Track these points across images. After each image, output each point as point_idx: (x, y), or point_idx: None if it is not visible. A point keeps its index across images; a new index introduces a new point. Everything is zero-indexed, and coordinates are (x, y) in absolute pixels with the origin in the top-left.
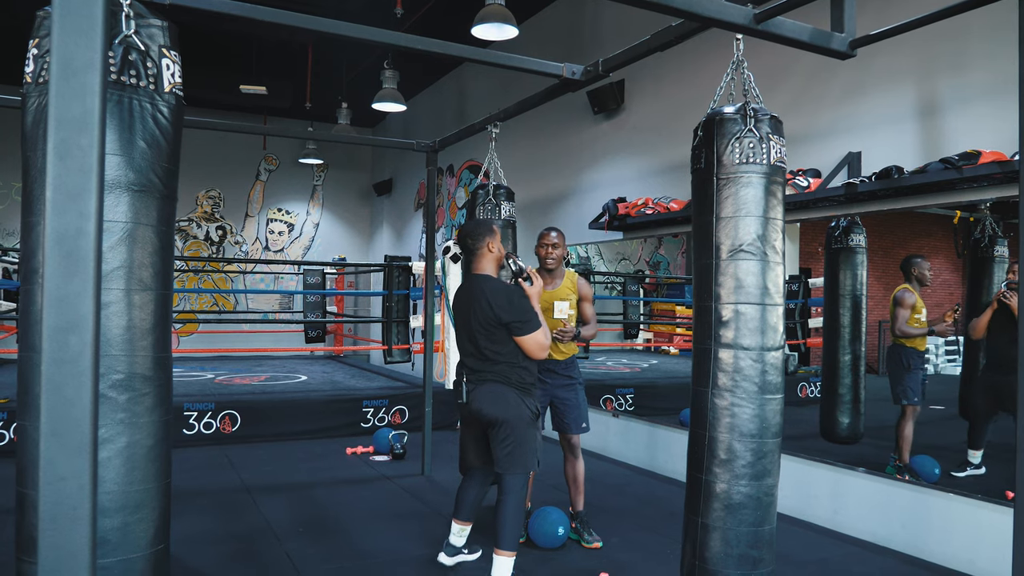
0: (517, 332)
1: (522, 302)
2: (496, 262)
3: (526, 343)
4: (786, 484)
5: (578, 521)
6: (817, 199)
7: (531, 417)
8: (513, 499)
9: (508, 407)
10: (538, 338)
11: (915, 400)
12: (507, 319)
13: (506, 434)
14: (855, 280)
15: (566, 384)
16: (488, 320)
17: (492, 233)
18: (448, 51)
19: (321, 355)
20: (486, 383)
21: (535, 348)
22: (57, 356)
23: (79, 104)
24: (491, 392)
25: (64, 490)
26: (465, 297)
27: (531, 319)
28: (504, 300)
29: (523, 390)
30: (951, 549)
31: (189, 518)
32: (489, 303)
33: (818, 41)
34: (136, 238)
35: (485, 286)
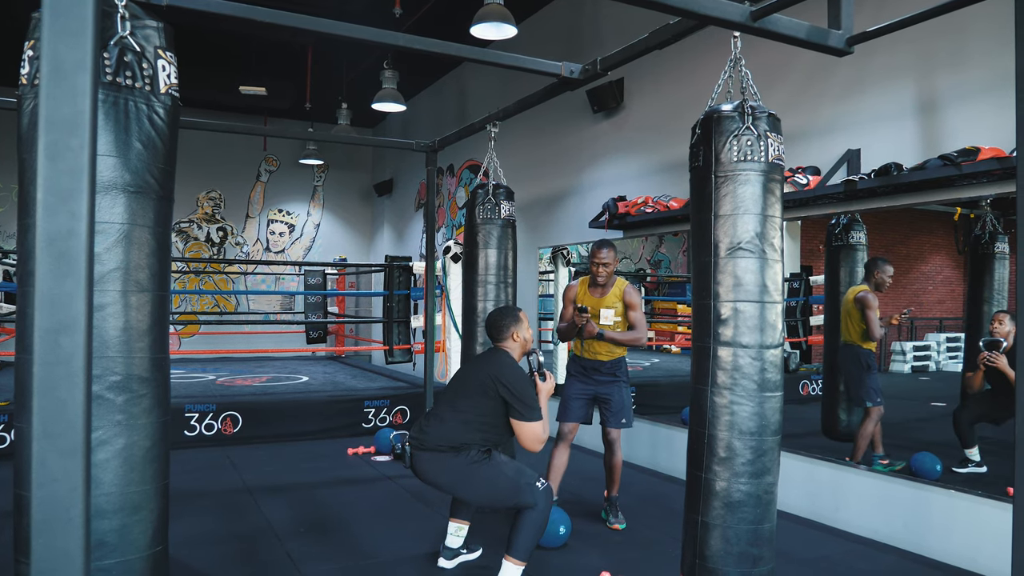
0: (518, 414)
1: (531, 391)
2: (521, 350)
3: (524, 431)
4: (787, 482)
5: (608, 503)
6: (817, 196)
7: (475, 461)
8: (535, 513)
9: (450, 472)
10: (536, 430)
11: (879, 400)
12: (512, 394)
13: (470, 493)
14: (855, 277)
15: (610, 382)
16: (494, 384)
17: (519, 322)
18: (447, 51)
19: (322, 356)
20: (427, 448)
21: (532, 439)
22: (49, 358)
23: (70, 105)
24: (431, 457)
25: (56, 492)
26: (479, 361)
27: (535, 408)
28: (518, 380)
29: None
30: (952, 546)
31: (191, 519)
32: (501, 371)
33: (815, 38)
34: (132, 240)
35: (505, 359)
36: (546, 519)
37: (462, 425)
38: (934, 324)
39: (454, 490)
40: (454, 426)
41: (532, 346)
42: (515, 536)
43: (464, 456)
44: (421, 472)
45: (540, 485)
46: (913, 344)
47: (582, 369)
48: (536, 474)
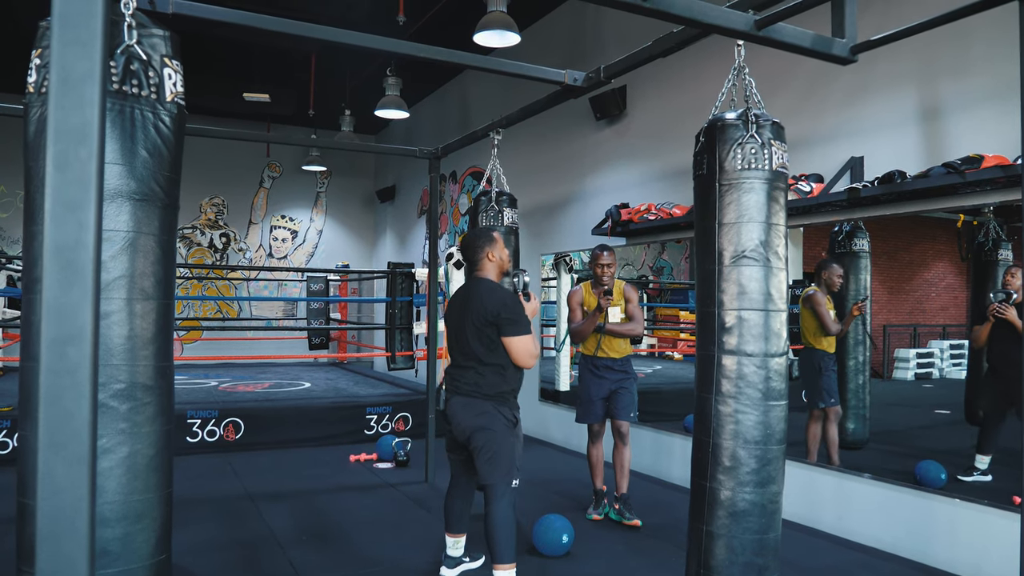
0: (506, 331)
1: (516, 305)
2: (499, 269)
3: (514, 344)
4: (791, 490)
5: (621, 502)
6: (820, 204)
7: (507, 425)
8: (500, 508)
9: (482, 416)
10: (527, 343)
11: (832, 402)
12: (498, 315)
13: (483, 443)
14: (859, 285)
15: (621, 378)
16: (480, 318)
17: (492, 241)
18: (451, 59)
19: (325, 362)
20: (462, 394)
21: (523, 353)
22: (56, 367)
23: (78, 115)
24: (467, 403)
25: (62, 502)
26: (461, 297)
27: (522, 321)
28: (498, 298)
29: (500, 400)
30: (957, 555)
31: (193, 526)
32: (483, 301)
33: (819, 47)
34: (138, 247)
35: (482, 286)
36: (510, 513)
37: (491, 371)
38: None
39: (473, 434)
40: (481, 372)
41: (509, 266)
42: (493, 543)
43: (500, 406)
44: (452, 413)
45: (515, 483)
46: (916, 351)
47: (595, 368)
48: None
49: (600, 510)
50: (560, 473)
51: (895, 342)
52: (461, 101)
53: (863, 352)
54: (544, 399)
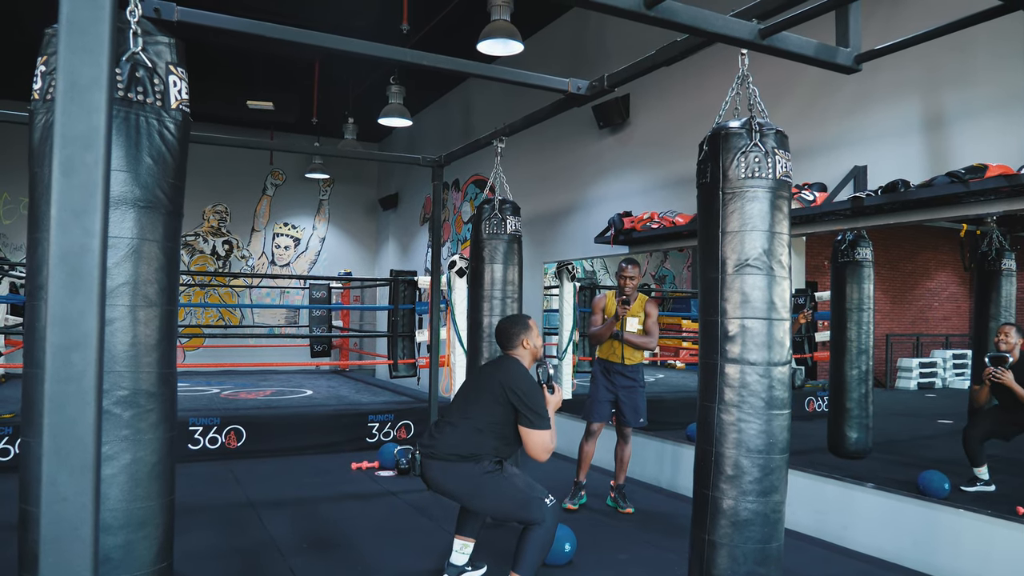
0: (527, 422)
1: (542, 398)
2: (532, 357)
3: (532, 438)
4: (794, 500)
5: (617, 492)
6: (823, 213)
7: (487, 471)
8: (542, 529)
9: (459, 480)
10: (544, 438)
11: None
12: (522, 402)
13: (482, 502)
14: (862, 294)
15: (629, 385)
16: (502, 390)
17: (528, 329)
18: (454, 67)
19: (327, 370)
20: (438, 456)
21: (539, 447)
22: (60, 374)
23: (85, 121)
24: (442, 467)
25: (66, 510)
26: (489, 367)
27: (544, 415)
28: (528, 386)
29: (476, 460)
30: (961, 565)
31: (194, 534)
32: (512, 380)
33: (824, 56)
34: (142, 254)
35: (515, 366)
36: (552, 536)
37: (474, 432)
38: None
39: (464, 499)
40: (465, 433)
41: (541, 354)
42: (521, 553)
43: (476, 465)
44: (431, 480)
45: (549, 502)
46: (919, 361)
47: (605, 371)
48: (546, 490)
49: (576, 501)
50: (563, 482)
51: (898, 351)
52: (464, 109)
53: (866, 362)
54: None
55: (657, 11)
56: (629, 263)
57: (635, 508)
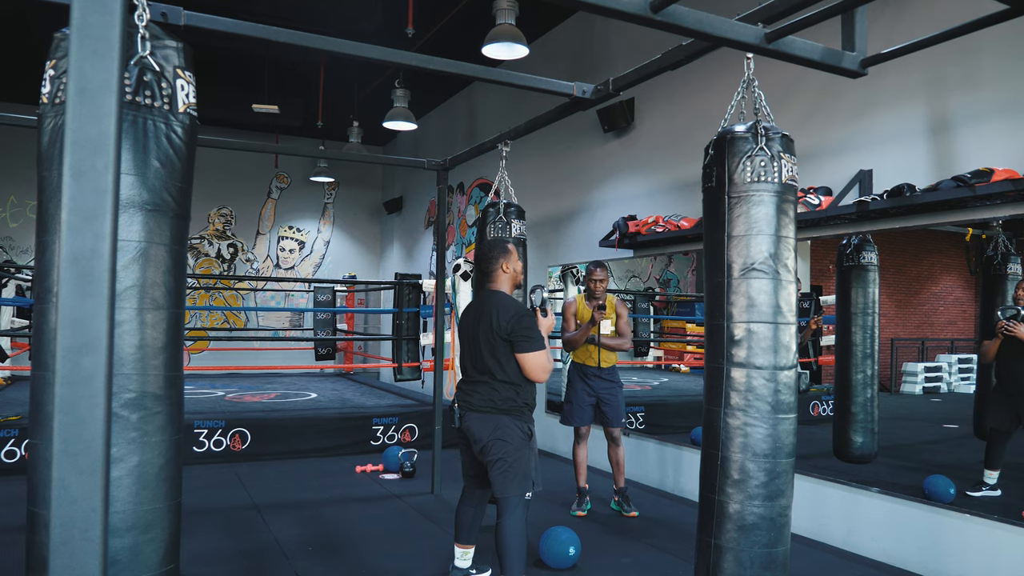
0: (520, 348)
1: (530, 321)
2: (512, 281)
3: (528, 361)
4: (799, 504)
5: (620, 495)
6: (828, 217)
7: (522, 438)
8: (512, 520)
9: (498, 430)
10: (540, 359)
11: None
12: (512, 331)
13: (498, 456)
14: (867, 298)
15: (608, 387)
16: (494, 333)
17: (506, 252)
18: (459, 71)
19: (331, 372)
20: (477, 410)
21: (537, 368)
22: (71, 377)
23: (95, 126)
24: (482, 419)
25: (76, 512)
26: (474, 311)
27: (536, 337)
28: (512, 313)
29: (515, 413)
30: (967, 570)
31: (199, 536)
32: (497, 316)
33: (829, 60)
34: (149, 257)
35: (495, 300)
36: (522, 527)
37: (497, 385)
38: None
39: (489, 446)
40: (492, 388)
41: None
42: (503, 555)
43: (515, 420)
44: (468, 428)
45: (528, 496)
46: (924, 365)
47: (584, 375)
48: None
49: (583, 506)
50: (567, 485)
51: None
52: (469, 113)
53: (871, 366)
54: (551, 411)
55: (663, 15)
56: (598, 266)
57: (640, 512)
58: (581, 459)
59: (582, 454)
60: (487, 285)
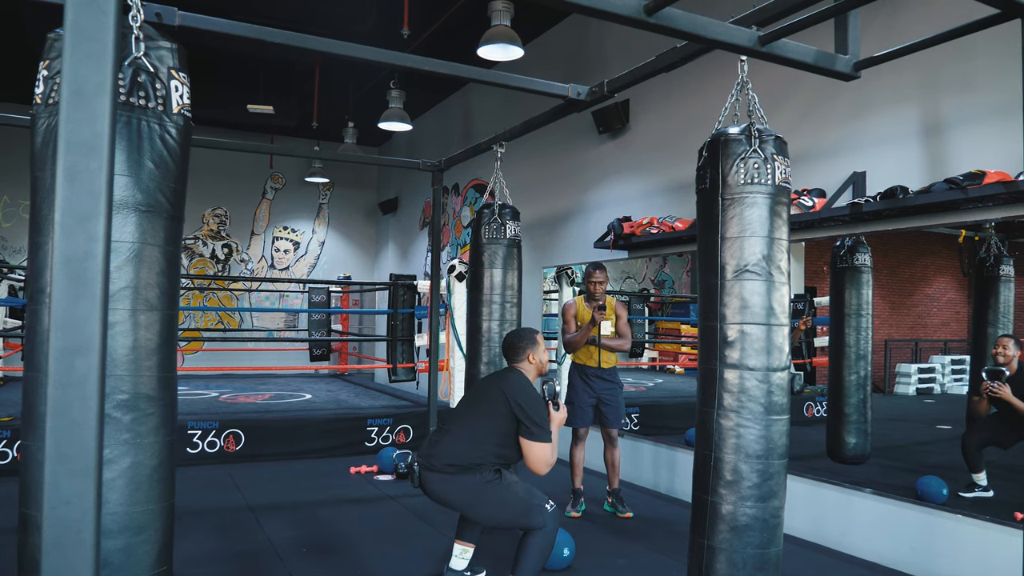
0: (528, 433)
1: (545, 412)
2: (537, 372)
3: (532, 451)
4: (793, 505)
5: (614, 496)
6: (822, 219)
7: (488, 481)
8: (542, 535)
9: (460, 492)
10: (545, 451)
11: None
12: (525, 413)
13: (480, 513)
14: (860, 299)
15: (609, 388)
16: (507, 403)
17: (535, 345)
18: (454, 72)
19: (326, 373)
20: (435, 470)
21: (540, 460)
22: (63, 378)
23: (89, 128)
24: (442, 480)
25: (68, 514)
26: (494, 379)
27: (547, 429)
28: (532, 398)
29: (477, 471)
30: (960, 571)
31: (193, 538)
32: (516, 392)
33: (822, 63)
34: (143, 258)
35: (518, 379)
36: (552, 541)
37: (473, 443)
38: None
39: (464, 509)
40: (465, 443)
41: (547, 370)
42: (521, 558)
43: (475, 476)
44: (430, 491)
45: (549, 507)
46: (918, 366)
47: (585, 376)
48: (546, 496)
49: (578, 507)
50: (562, 486)
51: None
52: (464, 114)
53: (865, 367)
54: None
55: (657, 18)
56: (597, 268)
57: (634, 513)
58: (578, 460)
59: (579, 455)
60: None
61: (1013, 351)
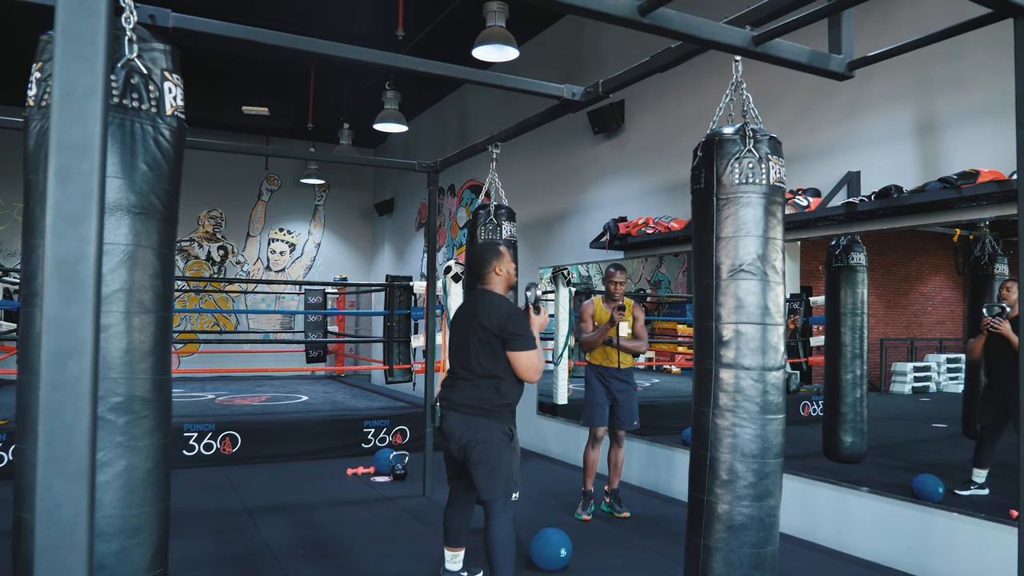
0: (511, 346)
1: (522, 319)
2: (506, 283)
3: (519, 359)
4: (789, 504)
5: (612, 496)
6: (817, 218)
7: (503, 440)
8: (500, 523)
9: (478, 431)
10: (532, 358)
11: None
12: (504, 328)
13: (480, 457)
14: (856, 298)
15: (624, 388)
16: (485, 330)
17: (499, 255)
18: (449, 73)
19: (322, 375)
20: (459, 411)
21: (528, 367)
22: (56, 381)
23: (80, 129)
24: (463, 420)
25: (61, 517)
26: (466, 310)
27: (527, 336)
28: (505, 311)
29: (497, 415)
30: (956, 569)
31: (189, 540)
32: (489, 314)
33: (816, 63)
34: (137, 260)
35: (488, 299)
36: (511, 528)
37: (482, 383)
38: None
39: (469, 449)
40: (477, 386)
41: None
42: (493, 561)
43: (495, 424)
44: (449, 429)
45: (514, 497)
46: (913, 365)
47: (601, 376)
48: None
49: (588, 510)
50: (558, 486)
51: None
52: (460, 115)
53: (861, 366)
54: (542, 412)
55: (651, 18)
56: (618, 269)
57: (631, 513)
58: (593, 461)
59: (594, 457)
60: (480, 286)
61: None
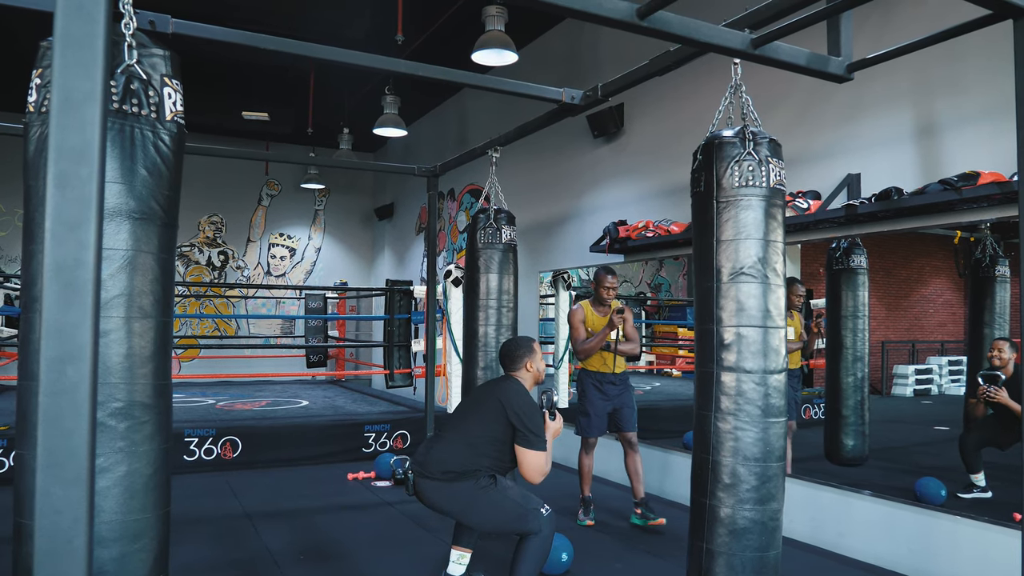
0: (524, 441)
1: (541, 420)
2: (534, 380)
3: (527, 457)
4: (790, 507)
5: (642, 506)
6: (817, 221)
7: (486, 487)
8: (537, 540)
9: (457, 499)
10: (540, 460)
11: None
12: (521, 420)
13: (478, 517)
14: (857, 301)
15: (622, 392)
16: (502, 411)
17: (532, 353)
18: (449, 77)
19: (323, 380)
20: (430, 476)
21: (534, 467)
22: (55, 387)
23: (79, 135)
24: (435, 486)
25: (60, 522)
26: (491, 384)
27: (542, 437)
28: (528, 406)
29: (473, 476)
30: (958, 572)
31: (189, 546)
32: (511, 399)
33: (815, 65)
34: (137, 266)
35: (515, 386)
36: (549, 546)
37: (468, 448)
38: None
39: (459, 516)
40: (460, 449)
41: (543, 378)
42: (517, 563)
43: (469, 483)
44: (425, 499)
45: (545, 511)
46: (915, 368)
47: (600, 384)
48: (541, 500)
49: (590, 515)
50: (559, 490)
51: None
52: (459, 119)
53: (862, 369)
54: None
55: (650, 22)
56: (610, 273)
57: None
58: (588, 467)
59: (589, 463)
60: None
61: (1009, 354)
